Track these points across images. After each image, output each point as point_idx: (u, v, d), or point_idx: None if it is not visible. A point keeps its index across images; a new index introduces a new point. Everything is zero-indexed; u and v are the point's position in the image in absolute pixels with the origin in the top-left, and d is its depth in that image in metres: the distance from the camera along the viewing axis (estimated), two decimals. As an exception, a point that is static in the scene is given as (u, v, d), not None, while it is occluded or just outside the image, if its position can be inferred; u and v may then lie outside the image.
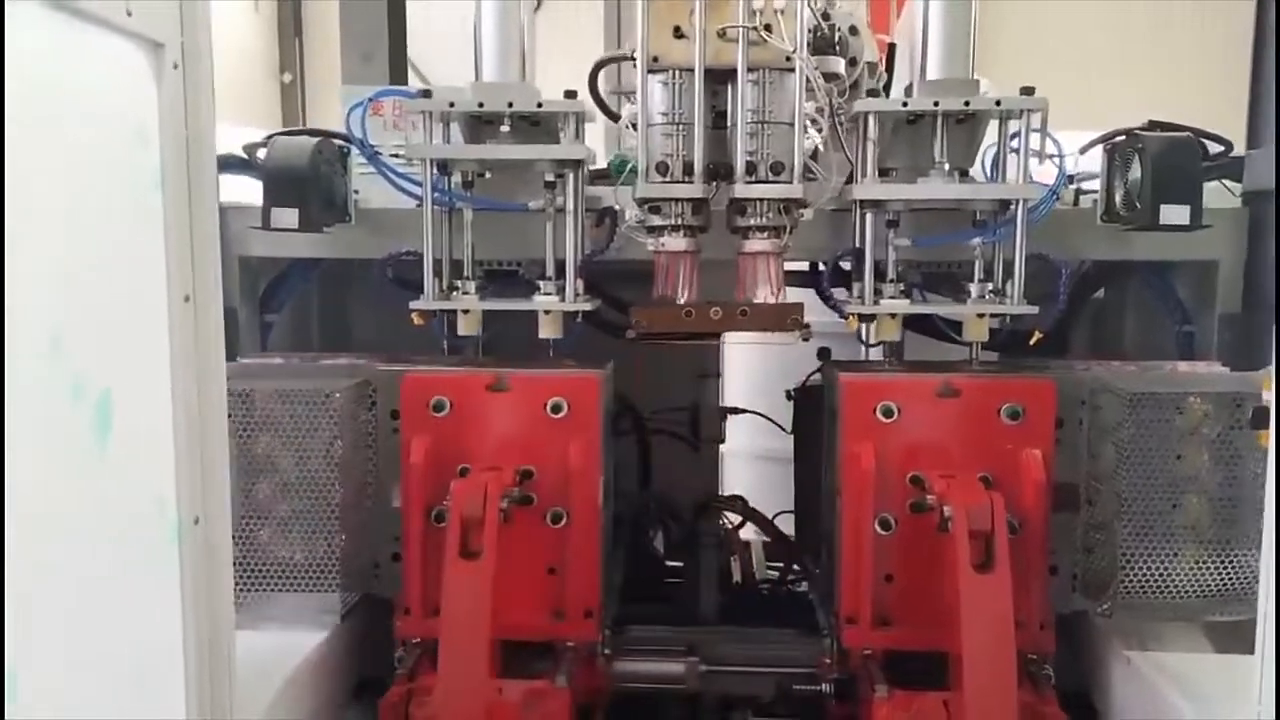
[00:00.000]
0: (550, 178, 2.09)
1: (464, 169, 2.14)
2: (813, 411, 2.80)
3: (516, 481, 1.95)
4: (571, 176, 2.07)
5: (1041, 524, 1.91)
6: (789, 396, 2.79)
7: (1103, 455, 1.99)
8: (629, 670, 2.24)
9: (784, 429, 2.78)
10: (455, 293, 2.14)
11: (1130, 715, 1.88)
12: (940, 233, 2.14)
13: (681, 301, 2.08)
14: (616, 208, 2.21)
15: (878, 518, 1.95)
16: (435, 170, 2.07)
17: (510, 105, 2.05)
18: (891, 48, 2.54)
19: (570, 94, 2.09)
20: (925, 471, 1.93)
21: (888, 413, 1.96)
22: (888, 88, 2.38)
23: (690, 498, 2.71)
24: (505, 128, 2.06)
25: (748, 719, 2.13)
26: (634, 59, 2.19)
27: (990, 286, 2.07)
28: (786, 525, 2.80)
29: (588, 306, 2.12)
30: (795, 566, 2.81)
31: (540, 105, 2.06)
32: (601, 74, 2.26)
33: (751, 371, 3.21)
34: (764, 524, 2.79)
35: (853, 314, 2.06)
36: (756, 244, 2.06)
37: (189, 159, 1.22)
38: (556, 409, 2.02)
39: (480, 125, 2.15)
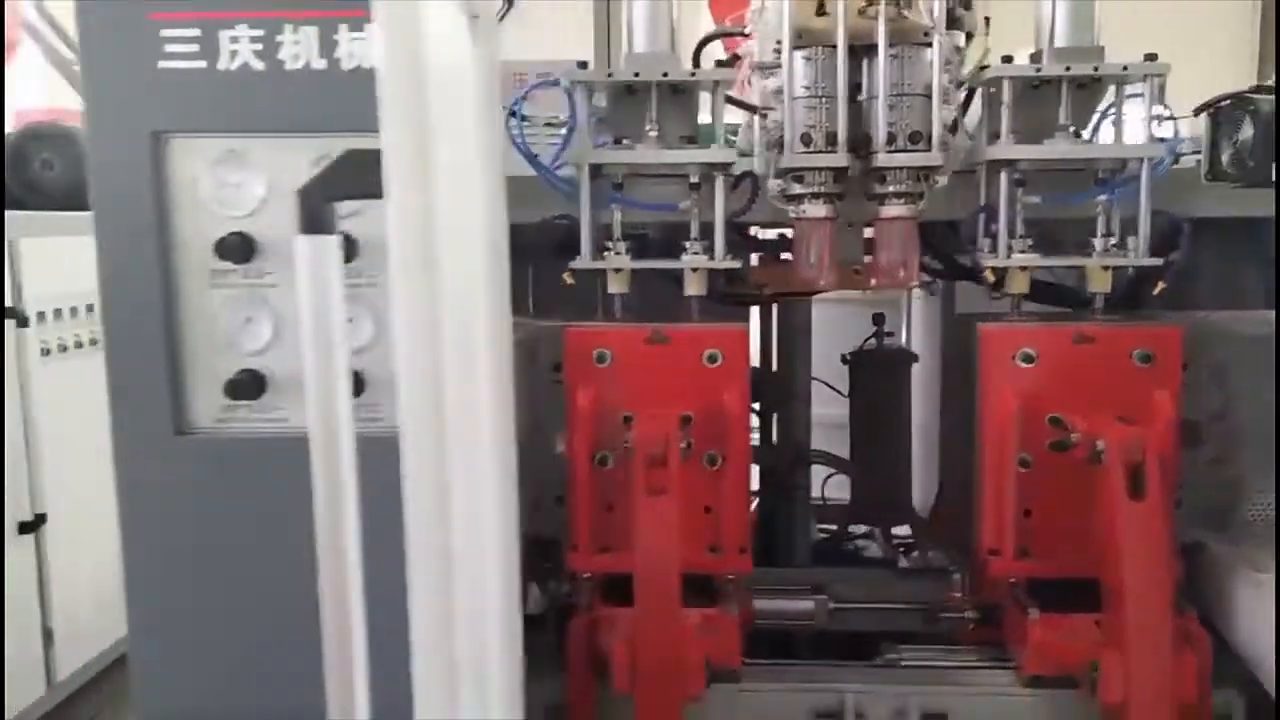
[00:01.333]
0: (695, 179, 2.20)
1: (613, 172, 2.24)
2: (869, 376, 2.96)
3: (678, 427, 2.08)
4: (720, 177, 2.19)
5: (1172, 459, 2.05)
6: (844, 361, 2.92)
7: (1223, 394, 2.15)
8: (760, 608, 2.38)
9: (840, 393, 2.92)
10: (606, 254, 2.25)
11: (1259, 634, 2.03)
12: (1059, 192, 2.27)
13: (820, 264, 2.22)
14: (756, 172, 2.33)
15: (1018, 457, 2.10)
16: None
17: (665, 75, 2.16)
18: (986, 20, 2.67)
19: (722, 63, 2.21)
20: (1063, 413, 2.08)
21: (1027, 359, 2.11)
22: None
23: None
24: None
25: (895, 649, 2.26)
26: (740, 33, 2.32)
27: (1113, 241, 2.21)
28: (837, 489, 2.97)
29: (736, 264, 2.24)
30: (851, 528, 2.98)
31: (693, 74, 2.18)
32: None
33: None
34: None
35: (989, 267, 2.19)
36: (894, 209, 2.19)
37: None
38: (712, 359, 2.15)
39: (625, 97, 2.26)
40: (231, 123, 1.38)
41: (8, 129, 4.32)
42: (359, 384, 1.46)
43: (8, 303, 3.44)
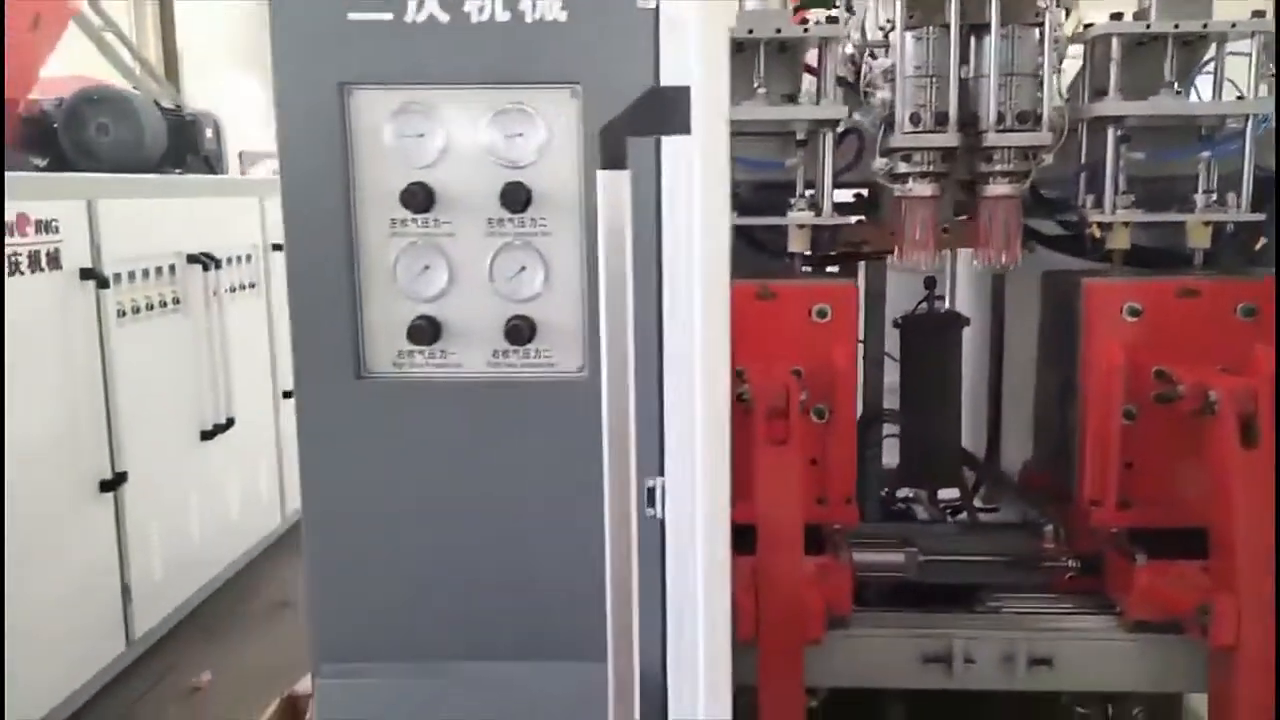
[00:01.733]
0: (803, 136, 2.24)
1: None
2: (921, 340, 2.99)
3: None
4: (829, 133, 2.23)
5: (1272, 411, 2.10)
6: (896, 325, 2.96)
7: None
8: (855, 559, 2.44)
9: (891, 357, 2.96)
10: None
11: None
12: (1161, 148, 2.30)
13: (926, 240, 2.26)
14: (862, 129, 2.36)
15: (1123, 410, 2.15)
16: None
17: (778, 31, 2.20)
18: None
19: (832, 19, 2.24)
20: (1167, 366, 2.12)
21: (1134, 313, 2.15)
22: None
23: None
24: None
25: (994, 597, 2.32)
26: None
27: (1214, 197, 2.24)
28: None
29: (847, 220, 2.28)
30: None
31: (807, 29, 2.21)
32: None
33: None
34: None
35: (1095, 222, 2.23)
36: (1000, 188, 2.22)
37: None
38: (821, 314, 2.20)
39: (732, 56, 2.28)
40: (415, 74, 1.42)
41: (47, 96, 4.37)
42: (530, 331, 1.51)
43: (88, 264, 3.49)
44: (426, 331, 1.51)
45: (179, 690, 3.85)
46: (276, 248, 5.00)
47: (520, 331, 1.54)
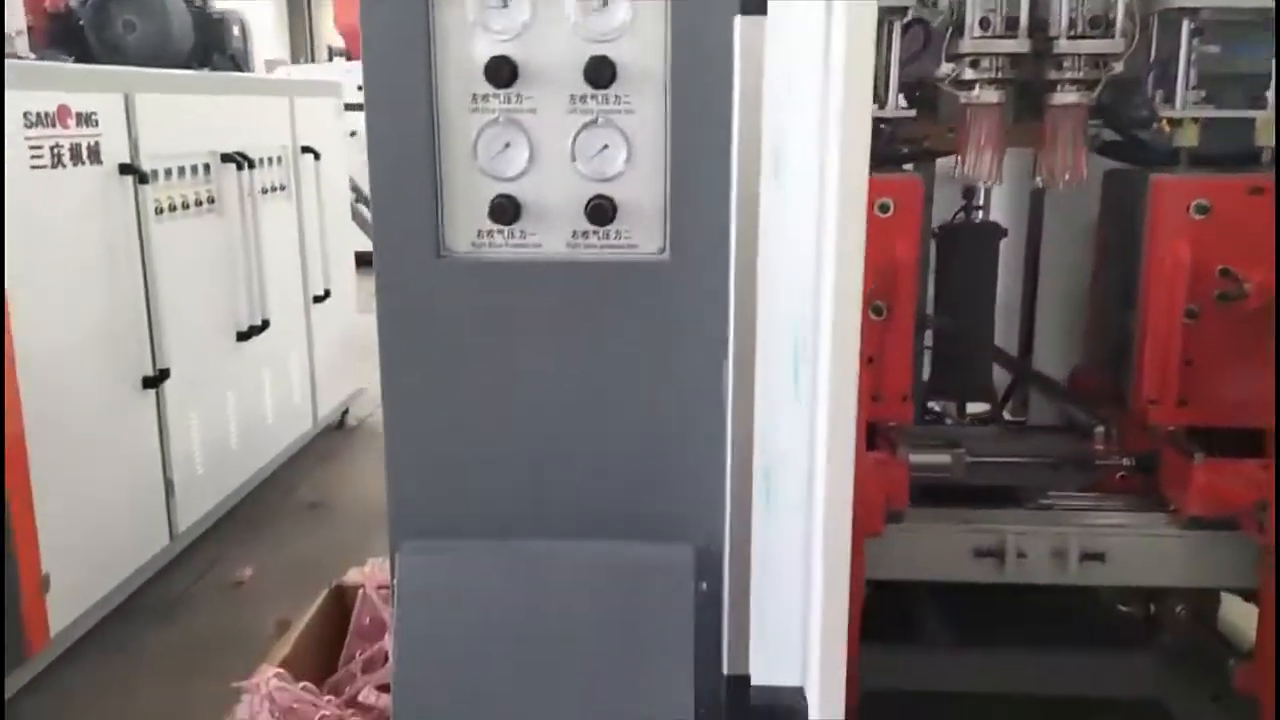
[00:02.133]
0: None
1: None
2: (958, 250, 2.96)
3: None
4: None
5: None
6: (934, 235, 2.92)
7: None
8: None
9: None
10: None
11: None
12: (1232, 42, 2.25)
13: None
14: (926, 20, 2.31)
15: (1185, 308, 2.14)
16: None
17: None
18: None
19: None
20: (1232, 264, 2.10)
21: (1201, 210, 2.13)
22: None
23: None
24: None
25: (1045, 496, 2.34)
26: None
27: (1286, 94, 2.20)
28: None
29: (911, 113, 2.25)
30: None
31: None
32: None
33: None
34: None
35: (1164, 117, 2.19)
36: (1069, 96, 2.18)
37: None
38: (884, 209, 2.18)
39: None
40: (502, -57, 1.39)
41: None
42: (611, 211, 1.50)
43: (127, 159, 3.47)
44: (507, 210, 1.50)
45: (222, 584, 3.93)
46: (306, 150, 4.96)
47: (602, 211, 1.52)
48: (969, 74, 2.20)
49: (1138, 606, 2.47)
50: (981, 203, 3.26)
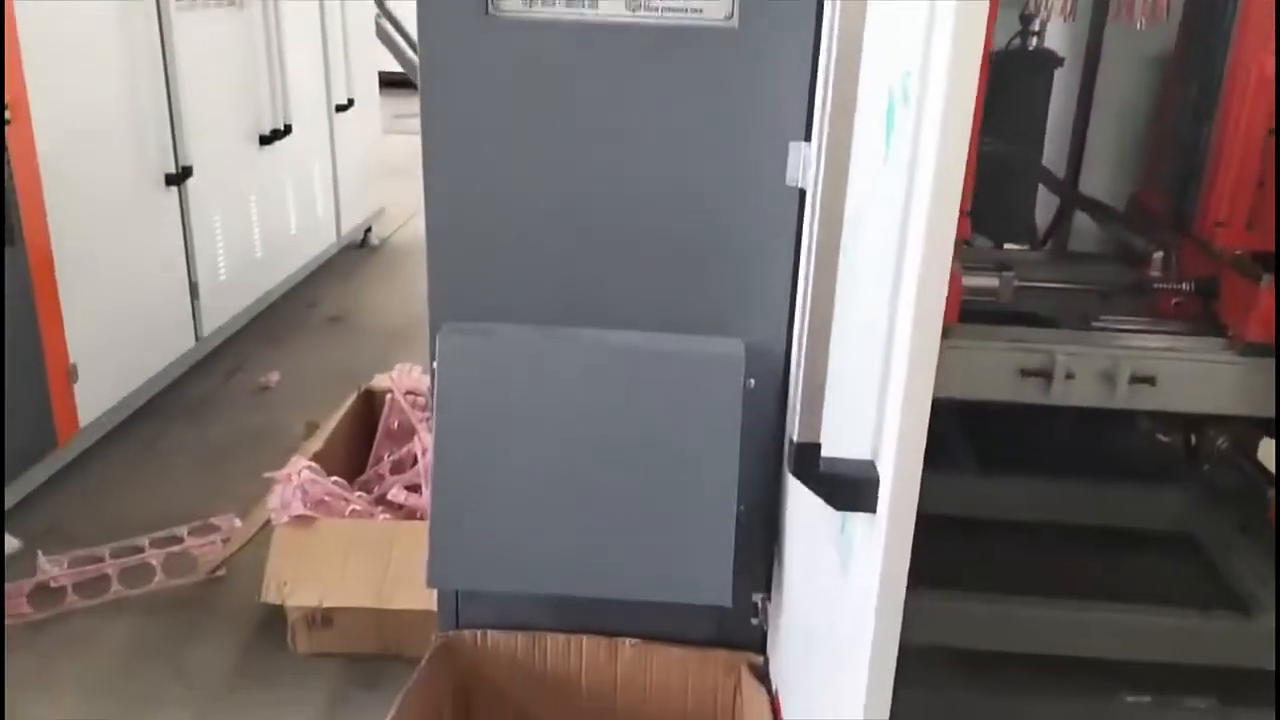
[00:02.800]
0: None
1: None
2: (1009, 80, 2.79)
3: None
4: None
5: None
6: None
7: None
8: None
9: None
10: None
11: None
12: None
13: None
14: None
15: (1267, 126, 2.02)
16: None
17: None
18: None
19: None
20: (1323, 79, 1.97)
21: (1296, 20, 1.98)
22: None
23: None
24: None
25: (1098, 319, 2.27)
26: None
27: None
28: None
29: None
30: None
31: None
32: None
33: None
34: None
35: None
36: None
37: None
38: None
39: None
40: None
41: None
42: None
43: (146, -59, 3.29)
44: (565, -36, 1.39)
45: (249, 388, 3.95)
46: (328, -52, 4.74)
47: (667, -29, 1.41)
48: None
49: (1177, 437, 2.42)
50: (1037, 28, 3.08)
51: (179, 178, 3.56)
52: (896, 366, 0.93)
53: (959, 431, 2.86)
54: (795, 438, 1.02)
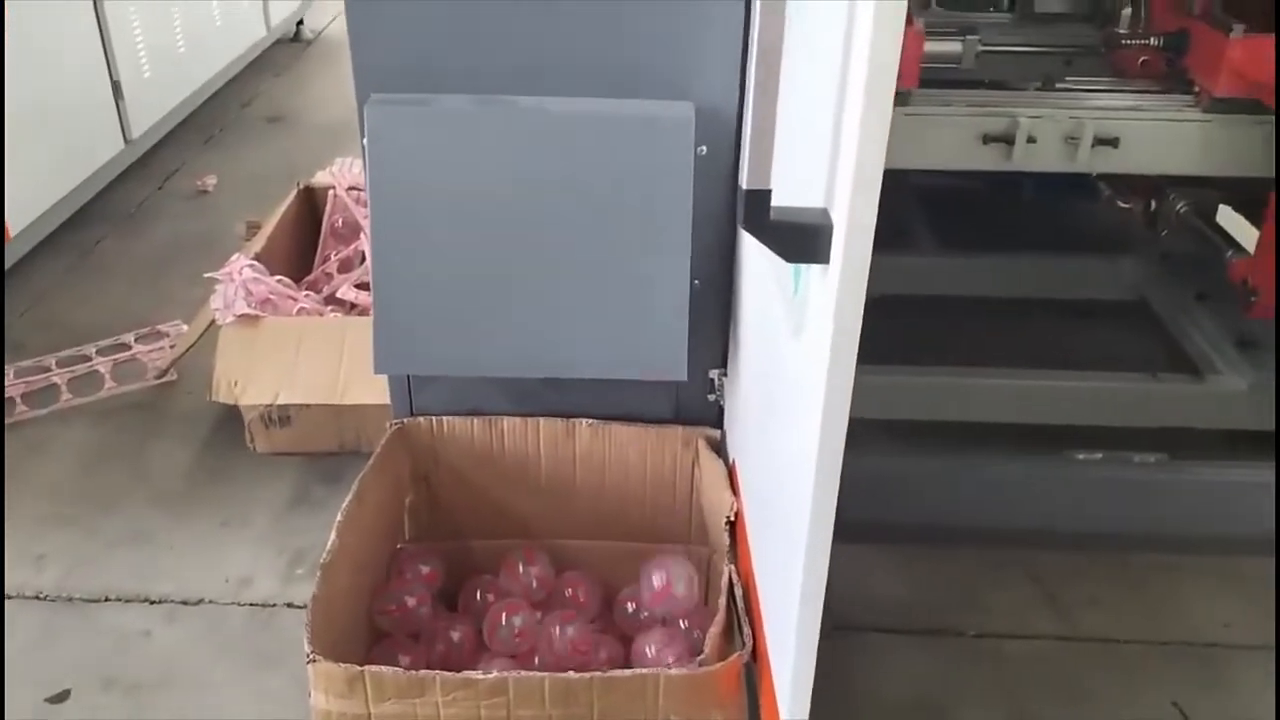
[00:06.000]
0: None
1: None
2: None
3: None
4: None
5: None
6: None
7: None
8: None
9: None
10: None
11: None
12: None
13: None
14: None
15: None
16: None
17: None
18: None
19: None
20: None
21: None
22: None
23: None
24: None
25: (1063, 81, 2.19)
26: None
27: None
28: None
29: None
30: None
31: None
32: None
33: None
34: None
35: None
36: None
37: None
38: None
39: None
40: None
41: None
42: None
43: None
44: None
45: (186, 193, 3.80)
46: None
47: None
48: None
49: (1137, 203, 2.39)
50: None
51: (86, -37, 3.30)
52: (850, 109, 0.86)
53: (919, 212, 2.82)
54: (744, 185, 0.96)
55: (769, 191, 0.96)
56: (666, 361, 1.52)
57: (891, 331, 2.37)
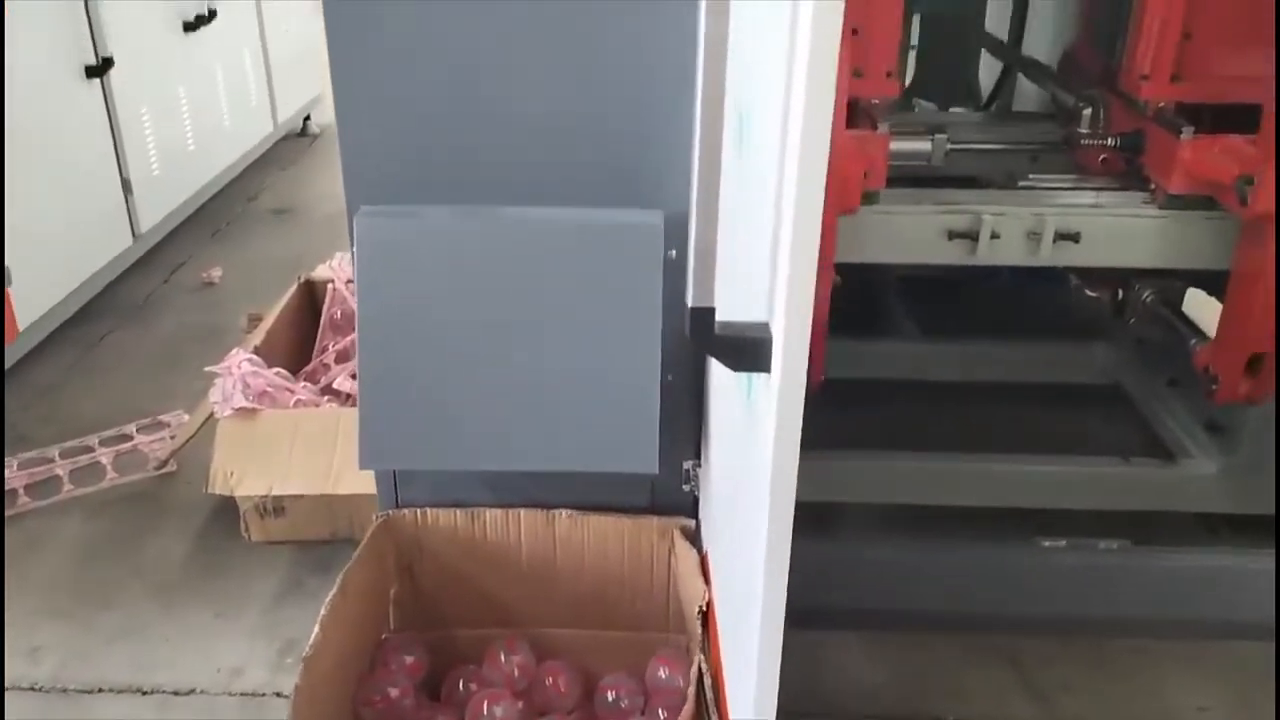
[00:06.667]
0: None
1: None
2: None
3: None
4: None
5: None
6: None
7: None
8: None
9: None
10: None
11: None
12: None
13: None
14: None
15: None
16: None
17: None
18: None
19: None
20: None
21: None
22: None
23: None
24: None
25: (1026, 179, 2.29)
26: None
27: None
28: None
29: None
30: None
31: None
32: None
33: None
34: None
35: None
36: None
37: None
38: None
39: None
40: None
41: None
42: None
43: None
44: None
45: (192, 285, 3.91)
46: None
47: None
48: None
49: (1105, 292, 2.47)
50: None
51: (100, 69, 3.45)
52: (784, 231, 0.94)
53: (900, 300, 2.90)
54: (690, 303, 1.04)
55: (712, 309, 1.03)
56: (639, 455, 1.59)
57: (869, 416, 2.45)
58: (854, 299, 2.32)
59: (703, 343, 1.04)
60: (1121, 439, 2.47)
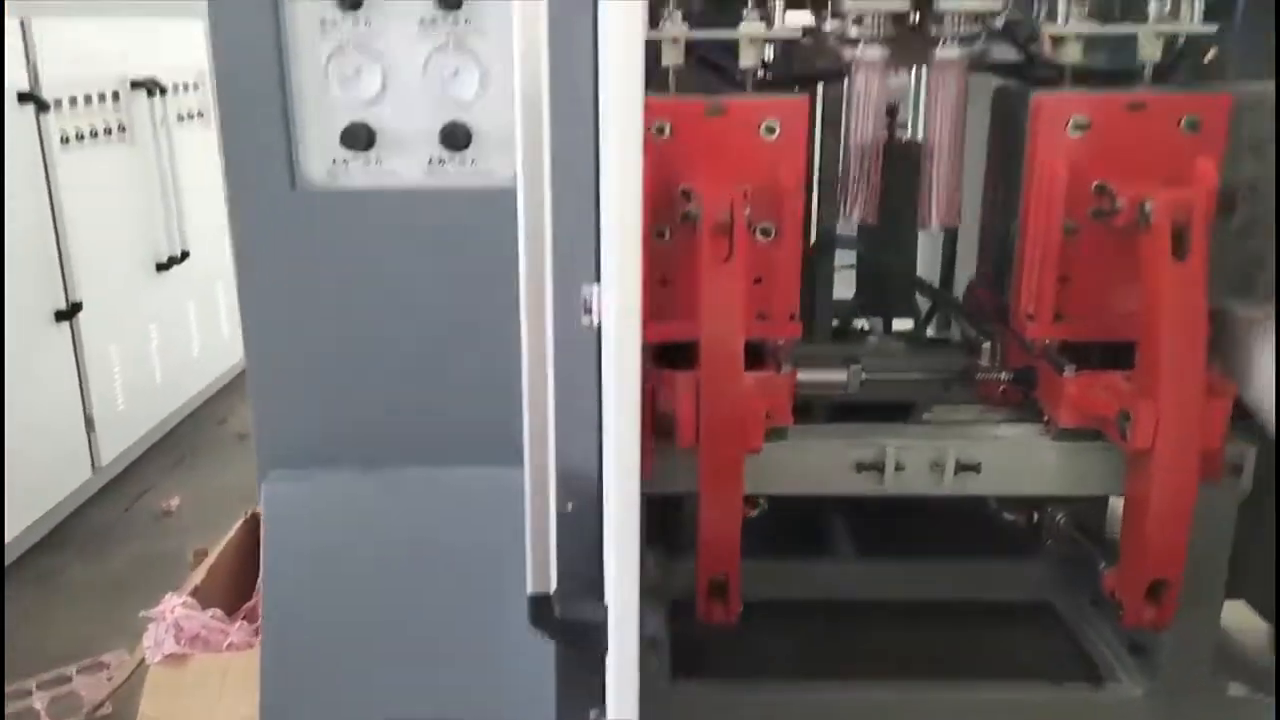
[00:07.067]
0: None
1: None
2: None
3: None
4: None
5: (1209, 226, 2.13)
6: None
7: (1260, 165, 2.21)
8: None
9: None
10: (662, 22, 2.23)
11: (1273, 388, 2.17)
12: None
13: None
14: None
15: (1063, 224, 2.18)
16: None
17: None
18: None
19: None
20: (1109, 180, 2.14)
21: (1080, 126, 2.15)
22: None
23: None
24: None
25: (929, 410, 2.40)
26: None
27: (1166, 7, 2.21)
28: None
29: (796, 35, 2.24)
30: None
31: None
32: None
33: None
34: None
35: (1050, 35, 2.20)
36: (949, 53, 2.21)
37: None
38: (770, 130, 2.18)
39: None
40: None
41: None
42: (466, 137, 1.50)
43: (26, 88, 3.38)
44: (361, 136, 1.50)
45: (150, 514, 3.95)
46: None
47: (456, 136, 1.52)
48: (854, 32, 2.21)
49: (1021, 515, 2.55)
50: (909, 120, 3.27)
51: (69, 313, 3.61)
52: (609, 510, 1.03)
53: (839, 521, 2.96)
54: (528, 589, 1.11)
55: (548, 595, 1.10)
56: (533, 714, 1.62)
57: (792, 640, 2.47)
58: (787, 519, 2.39)
59: (544, 628, 1.10)
60: (1053, 660, 2.49)
